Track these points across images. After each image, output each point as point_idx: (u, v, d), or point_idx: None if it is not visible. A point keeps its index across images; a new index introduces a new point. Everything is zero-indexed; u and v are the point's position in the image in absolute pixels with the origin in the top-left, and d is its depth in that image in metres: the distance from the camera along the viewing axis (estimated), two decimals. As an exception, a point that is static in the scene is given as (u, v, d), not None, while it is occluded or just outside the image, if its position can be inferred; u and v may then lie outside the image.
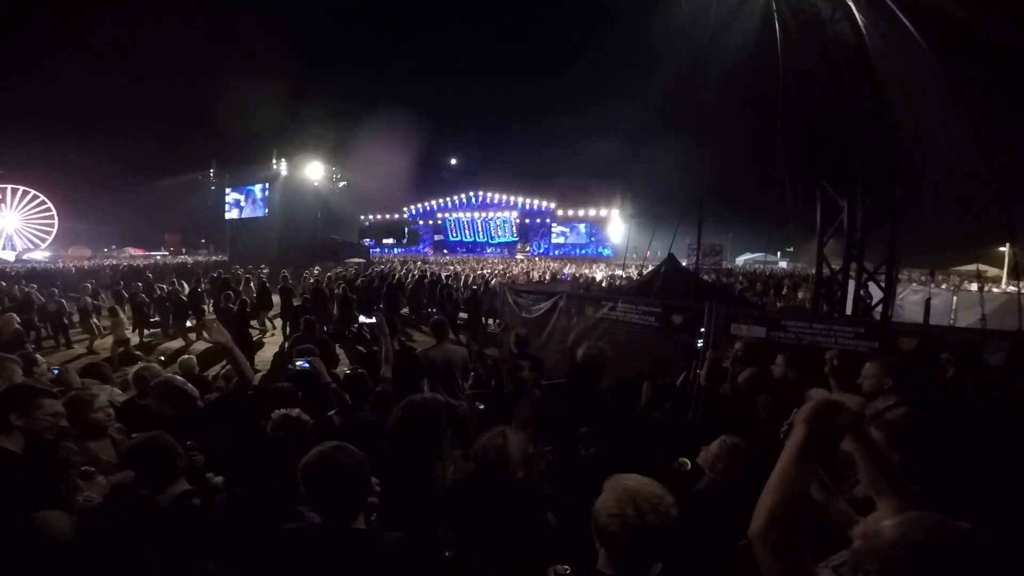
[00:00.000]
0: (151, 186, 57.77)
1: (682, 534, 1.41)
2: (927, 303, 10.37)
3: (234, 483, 2.23)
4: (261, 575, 1.62)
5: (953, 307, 12.48)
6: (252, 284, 16.32)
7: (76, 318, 12.38)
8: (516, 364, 3.53)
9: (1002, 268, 24.78)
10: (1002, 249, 24.10)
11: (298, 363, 3.43)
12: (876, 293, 8.08)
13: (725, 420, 3.28)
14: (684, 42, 8.71)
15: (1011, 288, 15.60)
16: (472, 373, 5.40)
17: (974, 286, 16.32)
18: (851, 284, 8.16)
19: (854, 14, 7.70)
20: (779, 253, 47.60)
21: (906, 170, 8.07)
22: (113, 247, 60.09)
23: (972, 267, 25.64)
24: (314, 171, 37.42)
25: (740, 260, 49.58)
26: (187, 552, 1.97)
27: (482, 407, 5.01)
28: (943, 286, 15.90)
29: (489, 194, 57.34)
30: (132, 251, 55.51)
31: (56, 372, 3.51)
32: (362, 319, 3.91)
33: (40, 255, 47.87)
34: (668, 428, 3.40)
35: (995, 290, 17.90)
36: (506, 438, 2.16)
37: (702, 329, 5.38)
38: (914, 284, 14.35)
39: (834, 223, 8.13)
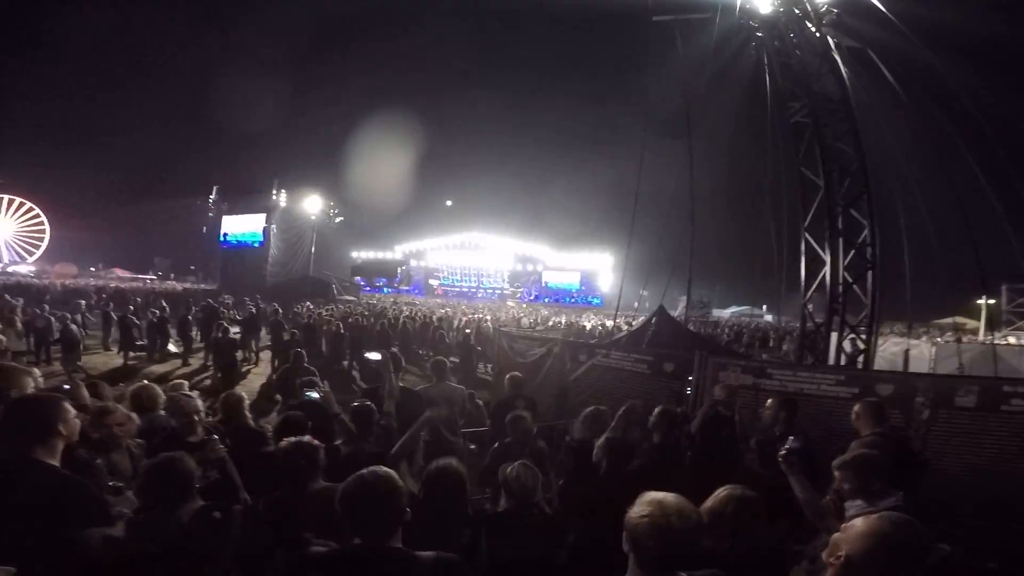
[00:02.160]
0: (146, 207, 57.59)
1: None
2: (906, 354, 10.71)
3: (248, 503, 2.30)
4: None
5: (931, 358, 12.84)
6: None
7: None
8: (520, 416, 3.65)
9: (979, 320, 25.59)
10: (979, 302, 24.93)
11: (307, 393, 3.53)
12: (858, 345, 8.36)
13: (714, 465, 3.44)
14: (680, 95, 9.28)
15: (987, 339, 16.15)
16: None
17: (951, 337, 16.88)
18: (833, 336, 8.43)
19: (839, 68, 8.24)
20: (764, 307, 48.40)
21: (887, 224, 8.48)
22: (100, 265, 59.02)
23: (950, 320, 26.40)
24: (312, 204, 37.79)
25: (726, 313, 50.25)
26: (210, 565, 2.01)
27: (473, 447, 5.10)
28: (922, 339, 16.36)
29: (482, 237, 58.15)
30: (119, 272, 54.65)
31: (67, 388, 3.55)
32: (368, 355, 4.01)
33: (25, 268, 47.07)
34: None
35: (973, 340, 18.44)
36: (533, 468, 2.45)
37: (690, 377, 5.57)
38: (894, 336, 14.78)
39: (817, 276, 8.46)
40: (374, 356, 4.05)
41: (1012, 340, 20.42)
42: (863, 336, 8.26)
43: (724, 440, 3.96)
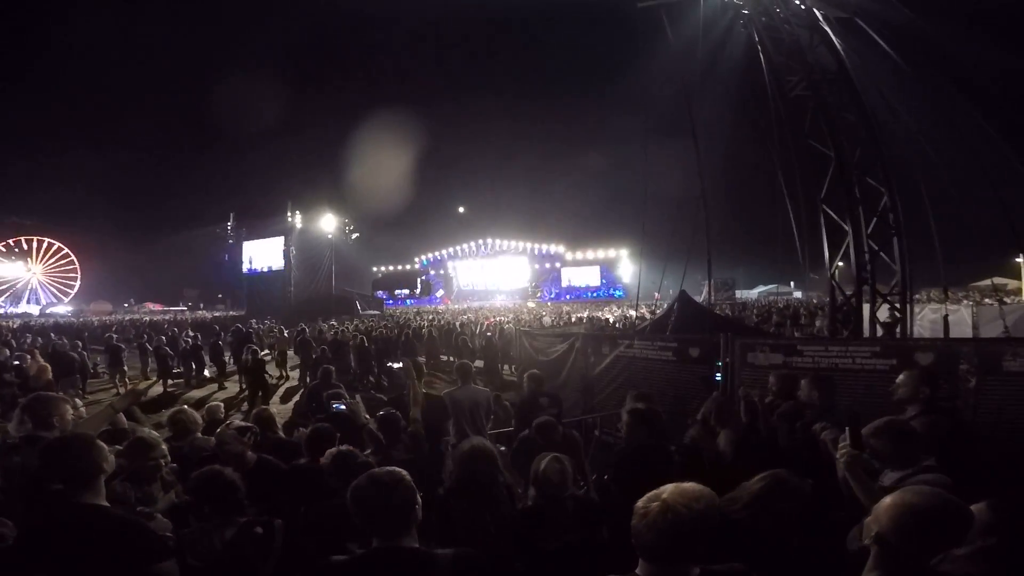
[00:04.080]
0: (169, 242, 59.50)
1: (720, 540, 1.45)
2: (945, 320, 10.30)
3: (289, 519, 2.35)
4: None
5: (972, 322, 12.35)
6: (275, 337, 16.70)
7: (102, 368, 12.99)
8: (550, 422, 3.62)
9: (1019, 280, 24.50)
10: (1018, 260, 23.88)
11: (334, 405, 3.59)
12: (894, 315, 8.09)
13: (759, 456, 3.32)
14: (676, 80, 9.18)
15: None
16: (491, 416, 5.50)
17: (992, 300, 16.18)
18: (866, 308, 8.18)
19: (831, 39, 8.06)
20: (792, 283, 47.30)
21: (908, 189, 8.23)
22: (132, 301, 61.20)
23: (988, 281, 25.35)
24: (328, 223, 38.47)
25: (754, 293, 49.28)
26: None
27: (503, 448, 5.10)
28: (962, 303, 15.72)
29: (498, 241, 58.27)
30: (151, 306, 56.61)
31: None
32: (391, 365, 4.11)
33: (63, 309, 49.01)
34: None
35: (1017, 300, 17.64)
36: (563, 462, 2.45)
37: (719, 363, 5.45)
38: (932, 303, 14.24)
39: (840, 248, 8.24)
40: (396, 365, 4.09)
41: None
42: (897, 305, 8.01)
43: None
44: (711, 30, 8.88)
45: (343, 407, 3.50)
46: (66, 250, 55.44)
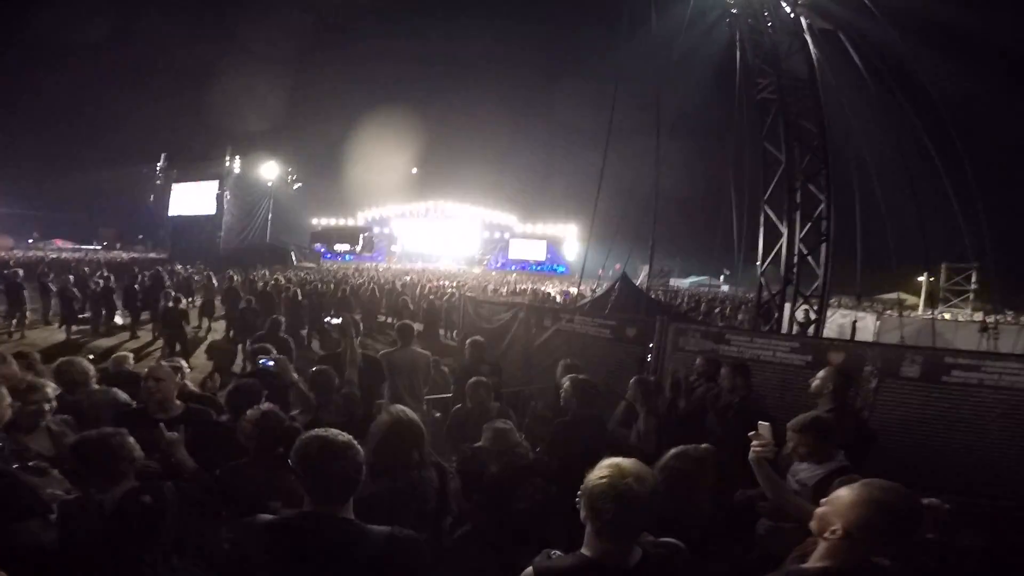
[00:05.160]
0: (90, 176, 53.72)
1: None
2: (853, 325, 11.28)
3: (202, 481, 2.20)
4: (242, 567, 1.56)
5: (876, 330, 13.61)
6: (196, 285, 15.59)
7: None
8: (480, 382, 3.65)
9: (919, 296, 27.27)
10: (920, 279, 26.47)
11: (261, 361, 3.39)
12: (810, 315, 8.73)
13: (683, 431, 3.51)
14: (650, 68, 9.25)
15: (927, 314, 17.19)
16: (428, 381, 5.44)
17: (894, 312, 17.94)
18: (787, 307, 8.78)
19: (809, 48, 8.43)
20: (721, 277, 49.95)
21: (842, 200, 8.83)
22: (36, 235, 54.81)
23: (894, 295, 28.00)
24: (269, 171, 36.26)
25: (686, 282, 51.65)
26: (142, 551, 1.91)
27: (438, 414, 5.07)
28: (868, 312, 17.30)
29: (449, 205, 57.21)
30: (60, 243, 50.92)
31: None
32: (327, 320, 3.91)
33: None
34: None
35: (914, 315, 19.64)
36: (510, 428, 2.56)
37: (651, 344, 5.68)
38: (842, 309, 15.55)
39: (774, 248, 8.75)
40: (334, 321, 3.91)
41: (948, 316, 21.84)
42: (815, 307, 8.64)
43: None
44: (695, 24, 9.04)
45: (271, 363, 3.30)
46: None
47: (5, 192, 51.62)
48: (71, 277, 12.84)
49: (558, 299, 20.38)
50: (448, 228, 56.97)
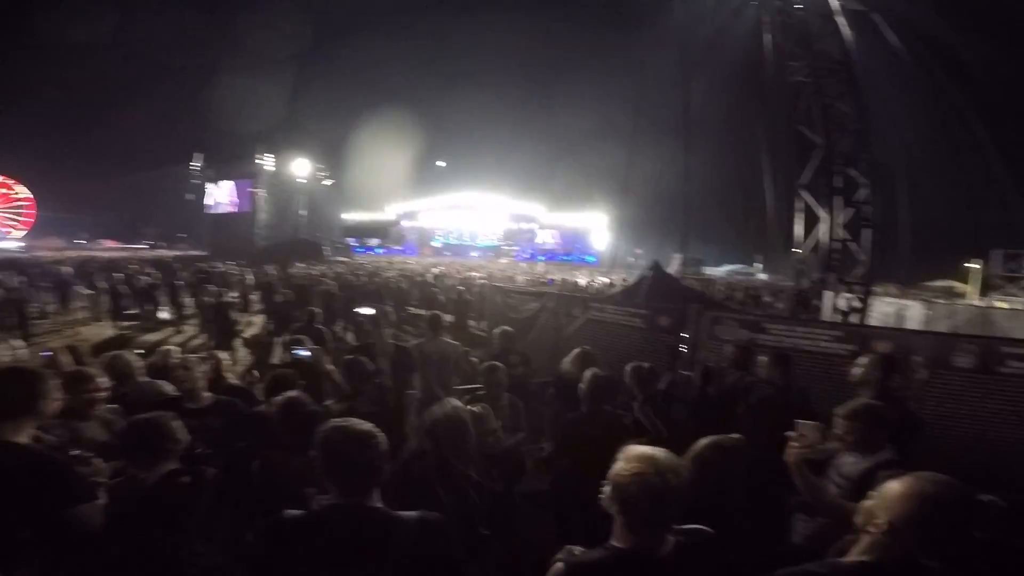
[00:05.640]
0: (131, 178, 56.13)
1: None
2: (902, 314, 10.79)
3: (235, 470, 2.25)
4: (271, 565, 1.56)
5: (923, 319, 12.96)
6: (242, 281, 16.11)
7: (50, 308, 12.19)
8: (494, 366, 3.64)
9: (969, 284, 25.79)
10: (969, 265, 25.06)
11: (296, 352, 3.47)
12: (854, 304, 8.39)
13: (713, 421, 3.40)
14: (675, 55, 9.03)
15: (980, 303, 16.25)
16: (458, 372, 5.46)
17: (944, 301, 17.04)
18: (827, 295, 8.45)
19: (840, 29, 8.09)
20: (758, 264, 48.55)
21: (885, 184, 8.46)
22: (87, 237, 57.78)
23: (940, 283, 26.62)
24: (301, 168, 37.16)
25: (721, 271, 50.46)
26: (171, 532, 1.94)
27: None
28: (915, 300, 16.47)
29: (475, 197, 57.31)
30: (107, 243, 53.53)
31: (47, 354, 3.46)
32: (360, 312, 3.99)
33: (14, 244, 46.01)
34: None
35: (966, 303, 18.61)
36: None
37: (684, 334, 5.54)
38: (887, 297, 14.86)
39: (814, 235, 8.43)
40: (366, 311, 3.96)
41: (1003, 304, 20.62)
42: (858, 295, 8.30)
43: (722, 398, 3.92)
44: (721, 7, 8.77)
45: (306, 353, 3.37)
46: (22, 186, 51.39)
47: (54, 196, 54.50)
48: (120, 275, 13.49)
49: (584, 286, 20.12)
50: (476, 219, 57.12)
